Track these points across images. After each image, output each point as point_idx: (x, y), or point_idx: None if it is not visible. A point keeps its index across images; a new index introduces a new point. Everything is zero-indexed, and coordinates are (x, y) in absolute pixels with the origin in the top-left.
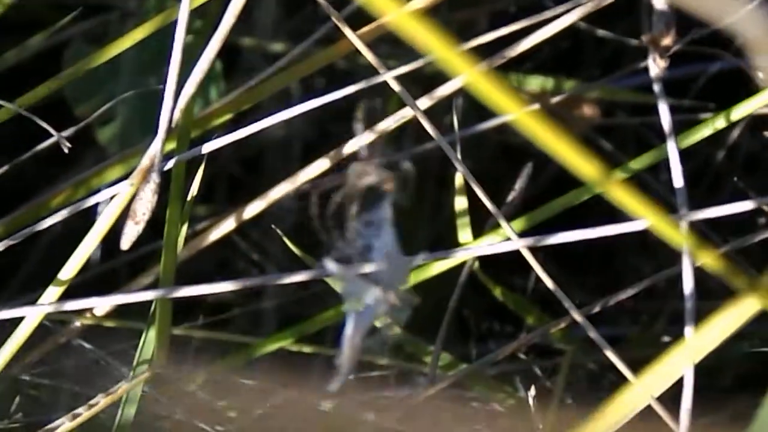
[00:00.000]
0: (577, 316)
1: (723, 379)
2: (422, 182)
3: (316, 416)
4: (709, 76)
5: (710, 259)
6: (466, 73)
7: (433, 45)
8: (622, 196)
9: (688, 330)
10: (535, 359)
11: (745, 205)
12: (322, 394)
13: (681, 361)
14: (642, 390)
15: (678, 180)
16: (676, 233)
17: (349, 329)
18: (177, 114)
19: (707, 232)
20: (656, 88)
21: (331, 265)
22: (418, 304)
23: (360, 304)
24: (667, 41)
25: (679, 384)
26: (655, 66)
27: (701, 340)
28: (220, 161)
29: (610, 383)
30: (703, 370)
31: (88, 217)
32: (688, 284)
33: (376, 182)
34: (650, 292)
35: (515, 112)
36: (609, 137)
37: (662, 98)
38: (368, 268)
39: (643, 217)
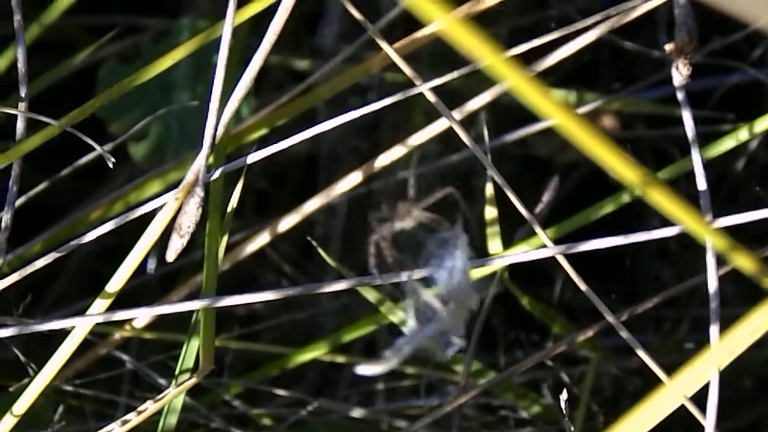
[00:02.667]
0: (610, 319)
1: (744, 385)
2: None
3: (349, 424)
4: (728, 87)
5: (742, 260)
6: (513, 79)
7: (483, 52)
8: (661, 199)
9: (714, 330)
10: (562, 367)
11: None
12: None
13: (712, 361)
14: (674, 391)
15: (702, 185)
16: (711, 235)
17: (406, 337)
18: (220, 130)
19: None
20: (680, 96)
21: (407, 281)
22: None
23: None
24: (690, 48)
25: (703, 389)
26: (678, 74)
27: (730, 341)
28: (248, 177)
29: (634, 389)
30: (723, 376)
31: (119, 233)
32: (712, 285)
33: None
34: (672, 300)
35: (561, 117)
36: (628, 150)
37: (686, 106)
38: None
39: (680, 219)
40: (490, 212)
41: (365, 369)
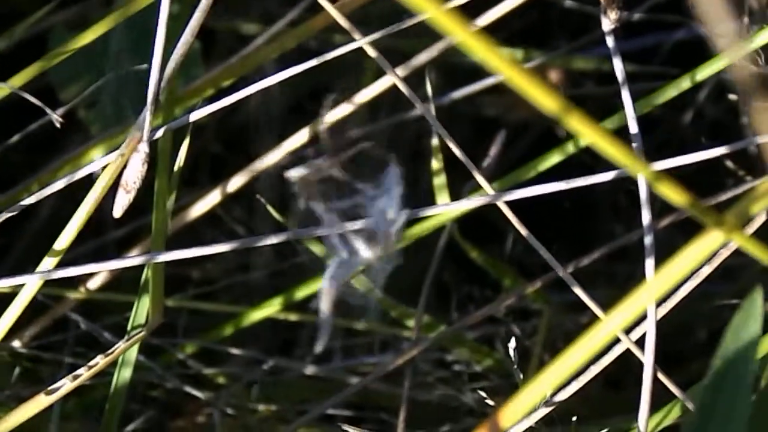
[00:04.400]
0: (560, 272)
1: (698, 337)
2: (397, 155)
3: (304, 382)
4: (674, 43)
5: (678, 196)
6: (457, 34)
7: (424, 5)
8: (600, 140)
9: (649, 264)
10: (515, 321)
11: (701, 155)
12: (308, 359)
13: (647, 295)
14: (610, 325)
15: (633, 128)
16: (644, 171)
17: (326, 280)
18: (163, 87)
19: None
20: (609, 42)
21: (321, 212)
22: (400, 268)
23: (341, 255)
24: None
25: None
26: (607, 19)
27: (665, 274)
28: (201, 142)
29: None
30: (675, 328)
31: (73, 199)
32: (645, 215)
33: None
34: (624, 255)
35: (505, 71)
36: (579, 108)
37: (616, 54)
38: (358, 223)
39: (619, 161)
40: (437, 164)
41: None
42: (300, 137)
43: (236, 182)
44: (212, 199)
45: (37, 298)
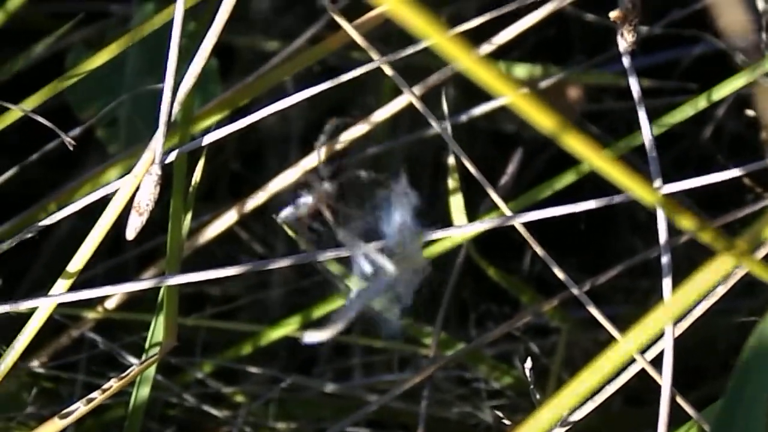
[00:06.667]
0: (574, 290)
1: (718, 351)
2: (417, 172)
3: (323, 400)
4: (694, 58)
5: (687, 222)
6: (460, 59)
7: (428, 31)
8: (605, 166)
9: (666, 284)
10: (533, 339)
11: (719, 176)
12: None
13: (665, 315)
14: (626, 347)
15: (651, 150)
16: (656, 198)
17: (352, 298)
18: (176, 108)
19: (698, 211)
20: (626, 62)
21: (344, 236)
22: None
23: (366, 279)
24: (634, 15)
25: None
26: (624, 41)
27: (682, 295)
28: (220, 159)
29: None
30: (698, 343)
31: (93, 218)
32: (662, 236)
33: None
34: (644, 271)
35: (509, 95)
36: (599, 123)
37: (632, 73)
38: (379, 242)
39: (625, 186)
40: (453, 183)
41: (312, 336)
42: (316, 156)
43: (253, 202)
44: (229, 218)
45: (55, 317)
